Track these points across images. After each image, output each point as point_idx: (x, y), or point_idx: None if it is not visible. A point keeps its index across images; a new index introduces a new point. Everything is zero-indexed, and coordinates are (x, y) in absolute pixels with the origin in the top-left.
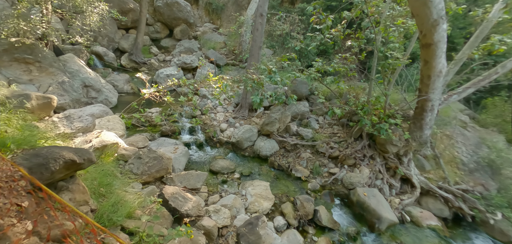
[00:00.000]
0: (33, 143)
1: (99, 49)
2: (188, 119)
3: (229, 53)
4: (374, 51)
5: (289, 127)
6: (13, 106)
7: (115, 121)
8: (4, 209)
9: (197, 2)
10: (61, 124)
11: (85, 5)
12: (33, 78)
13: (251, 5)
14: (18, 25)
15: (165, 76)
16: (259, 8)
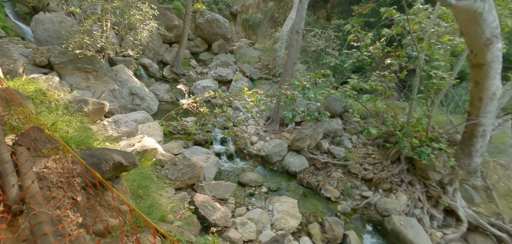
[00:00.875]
0: (88, 144)
1: (146, 61)
2: (221, 130)
3: (263, 68)
4: (416, 69)
5: (320, 144)
6: (74, 110)
7: (154, 127)
8: (63, 201)
9: (235, 19)
10: (110, 127)
11: (138, 23)
12: (90, 85)
13: (287, 22)
14: (83, 39)
15: (202, 87)
16: (295, 25)
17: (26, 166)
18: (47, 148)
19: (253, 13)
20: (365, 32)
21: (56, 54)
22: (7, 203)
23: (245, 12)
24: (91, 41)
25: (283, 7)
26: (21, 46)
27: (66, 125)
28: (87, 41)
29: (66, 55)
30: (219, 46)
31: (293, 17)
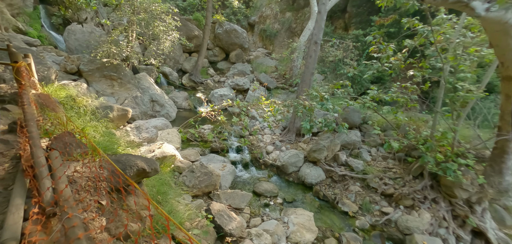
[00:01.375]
0: (114, 149)
1: (166, 69)
2: (237, 139)
3: (279, 77)
4: (440, 81)
5: (337, 156)
6: (100, 116)
7: (173, 134)
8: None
9: (253, 29)
10: (132, 133)
11: (162, 34)
12: (114, 92)
13: (304, 32)
14: (110, 49)
15: (219, 96)
16: (314, 36)
17: (60, 170)
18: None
19: (271, 24)
20: (387, 43)
21: (85, 62)
22: (42, 205)
23: (263, 22)
24: (118, 50)
25: (301, 17)
26: (53, 54)
27: (93, 130)
28: (114, 51)
29: (94, 63)
30: (236, 55)
31: (311, 28)
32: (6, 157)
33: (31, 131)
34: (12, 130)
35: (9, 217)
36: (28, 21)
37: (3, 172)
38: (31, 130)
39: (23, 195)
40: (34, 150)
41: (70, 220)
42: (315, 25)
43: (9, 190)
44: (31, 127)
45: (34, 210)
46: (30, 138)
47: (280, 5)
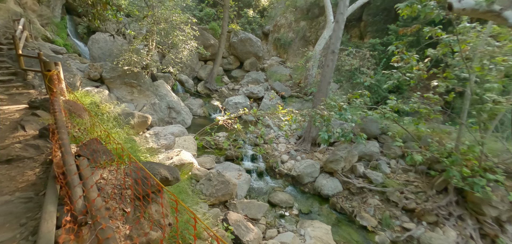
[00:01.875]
0: (136, 156)
1: (182, 77)
2: (251, 147)
3: (293, 86)
4: (464, 92)
5: (355, 168)
6: (122, 122)
7: (189, 141)
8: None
9: (267, 38)
10: (151, 140)
11: (181, 43)
12: (134, 99)
13: (319, 41)
14: (131, 57)
15: (234, 103)
16: (331, 45)
17: (90, 179)
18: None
19: (285, 33)
20: (410, 53)
21: (108, 70)
22: (74, 213)
23: (277, 31)
24: (138, 59)
25: (315, 26)
26: (77, 62)
27: (116, 137)
28: (134, 59)
29: (115, 71)
30: (251, 63)
31: (326, 37)
32: (37, 161)
33: (62, 138)
34: (42, 135)
35: (43, 225)
36: (55, 30)
37: (34, 177)
38: (63, 137)
39: (55, 202)
40: (66, 157)
41: (104, 232)
42: (333, 35)
43: (40, 195)
44: (63, 134)
45: (67, 218)
46: (62, 145)
47: (294, 14)
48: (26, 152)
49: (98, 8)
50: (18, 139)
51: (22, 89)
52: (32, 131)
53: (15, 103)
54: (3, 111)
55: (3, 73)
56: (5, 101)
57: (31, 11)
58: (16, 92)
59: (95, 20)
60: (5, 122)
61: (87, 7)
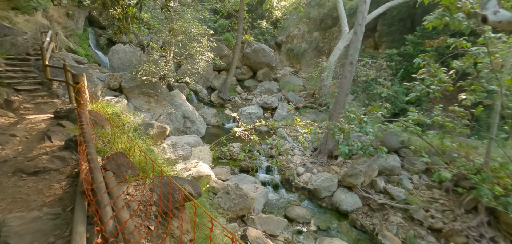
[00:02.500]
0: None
1: (197, 86)
2: (266, 158)
3: (307, 96)
4: (494, 105)
5: (375, 182)
6: (142, 133)
7: (205, 152)
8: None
9: (280, 48)
10: (168, 150)
11: (198, 54)
12: (150, 108)
13: (334, 52)
14: (150, 68)
15: (248, 114)
16: (349, 56)
17: (121, 199)
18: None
19: (298, 43)
20: (438, 66)
21: (127, 80)
22: (105, 235)
23: (290, 42)
24: (156, 69)
25: (328, 37)
26: (97, 71)
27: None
28: (153, 70)
29: (134, 81)
30: (264, 74)
31: (341, 47)
32: (63, 173)
33: (90, 152)
34: (68, 147)
35: None
36: (77, 41)
37: (61, 190)
38: (91, 151)
39: (84, 220)
40: (95, 174)
41: None
42: (351, 46)
43: (67, 211)
44: (91, 148)
45: (97, 241)
46: (91, 160)
47: (308, 25)
48: (52, 163)
49: (124, 22)
50: (44, 150)
51: (47, 98)
52: (58, 142)
53: (41, 113)
54: (30, 121)
55: (30, 83)
56: (32, 110)
57: (57, 24)
58: (42, 101)
59: (120, 33)
60: (32, 132)
61: (113, 20)
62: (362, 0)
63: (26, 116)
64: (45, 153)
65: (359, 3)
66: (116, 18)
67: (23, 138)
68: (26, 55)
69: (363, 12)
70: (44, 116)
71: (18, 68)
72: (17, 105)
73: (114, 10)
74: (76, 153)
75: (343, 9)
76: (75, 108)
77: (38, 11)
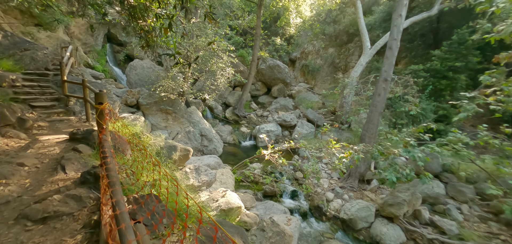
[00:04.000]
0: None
1: (212, 102)
2: (289, 181)
3: (327, 114)
4: None
5: (419, 212)
6: (165, 157)
7: (227, 175)
8: None
9: (293, 64)
10: (191, 176)
11: (219, 70)
12: (168, 126)
13: (356, 68)
14: (169, 84)
15: (266, 132)
16: (384, 73)
17: None
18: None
19: (313, 59)
20: None
21: (144, 96)
22: None
23: (305, 58)
24: (175, 85)
25: (344, 53)
26: (113, 86)
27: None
28: (172, 86)
29: (152, 97)
30: (278, 90)
31: (363, 63)
32: (79, 221)
33: (117, 198)
34: (85, 181)
35: None
36: (95, 57)
37: None
38: (117, 196)
39: None
40: (124, 232)
41: None
42: (385, 62)
43: None
44: (117, 192)
45: None
46: (120, 217)
47: (323, 41)
48: (65, 205)
49: (153, 34)
50: (57, 184)
51: (63, 116)
52: (73, 173)
53: (55, 133)
54: (43, 143)
55: (46, 99)
56: (46, 129)
57: (77, 40)
58: (57, 119)
59: (147, 46)
60: (43, 159)
61: (141, 32)
62: (397, 14)
63: (39, 138)
64: (57, 190)
65: (394, 17)
66: (144, 30)
67: (32, 167)
68: (45, 70)
69: (399, 26)
70: (58, 137)
71: (36, 84)
72: (30, 124)
73: (144, 21)
74: (95, 190)
75: (364, 25)
76: (93, 129)
77: (60, 28)
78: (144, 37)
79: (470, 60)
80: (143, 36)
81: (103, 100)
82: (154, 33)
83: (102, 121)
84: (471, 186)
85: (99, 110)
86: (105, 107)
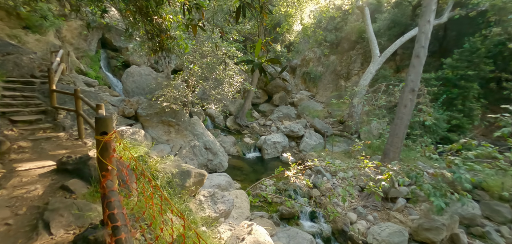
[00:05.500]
0: None
1: (212, 111)
2: (305, 200)
3: (334, 123)
4: None
5: (457, 237)
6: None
7: (242, 198)
8: None
9: (294, 72)
10: (206, 205)
11: (227, 78)
12: (170, 139)
13: (365, 76)
14: (171, 93)
15: (272, 143)
16: (410, 82)
17: None
18: None
19: (314, 67)
20: None
21: (144, 106)
22: None
23: (306, 65)
24: (178, 95)
25: (346, 60)
26: (107, 94)
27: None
28: (175, 95)
29: (153, 107)
30: (280, 98)
31: (373, 71)
32: None
33: None
34: None
35: None
36: (89, 63)
37: None
38: None
39: None
40: None
41: None
42: (412, 71)
43: None
44: None
45: None
46: None
47: (325, 48)
48: None
49: (167, 35)
50: None
51: (50, 132)
52: (62, 232)
53: (40, 157)
54: (21, 179)
55: (31, 112)
56: (27, 152)
57: (69, 44)
58: (43, 136)
59: (161, 50)
60: (19, 209)
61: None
62: (425, 20)
63: (17, 167)
64: None
65: (422, 23)
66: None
67: (1, 224)
68: (31, 77)
69: (427, 33)
70: (43, 165)
71: (19, 94)
72: (7, 146)
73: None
74: None
75: (373, 32)
76: (88, 156)
77: (50, 31)
78: (156, 38)
79: (482, 68)
80: (155, 37)
81: (108, 129)
82: (169, 33)
83: (107, 160)
84: (507, 205)
85: (102, 143)
86: (110, 138)
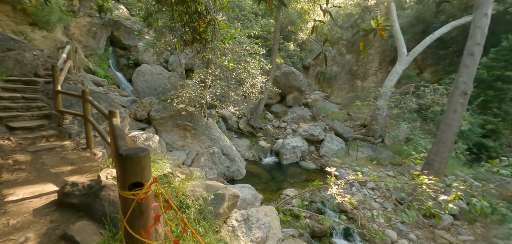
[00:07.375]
0: None
1: (226, 113)
2: (334, 213)
3: (355, 127)
4: None
5: None
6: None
7: (272, 215)
8: None
9: (307, 71)
10: (241, 232)
11: (250, 78)
12: (185, 145)
13: (391, 76)
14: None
15: (291, 147)
16: (462, 84)
17: None
18: None
19: (329, 66)
20: None
21: (157, 109)
22: None
23: (320, 65)
24: (196, 96)
25: (362, 60)
26: (116, 94)
27: None
28: (192, 97)
29: (167, 110)
30: (294, 98)
31: (399, 71)
32: None
33: None
34: None
35: None
36: (97, 61)
37: None
38: None
39: None
40: None
41: None
42: (464, 71)
43: None
44: None
45: None
46: None
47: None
48: None
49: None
50: None
51: (54, 141)
52: None
53: (38, 179)
54: (8, 220)
55: (32, 117)
56: (24, 170)
57: (78, 42)
58: (45, 147)
59: (196, 43)
60: None
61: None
62: (481, 13)
63: (7, 197)
64: None
65: (477, 17)
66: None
67: None
68: (34, 76)
69: (483, 27)
70: (41, 191)
71: (19, 95)
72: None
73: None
74: None
75: (400, 30)
76: (100, 184)
77: (58, 28)
78: (190, 25)
79: None
80: (190, 23)
81: (144, 176)
82: (208, 17)
83: (143, 233)
84: None
85: (133, 205)
86: (148, 197)
